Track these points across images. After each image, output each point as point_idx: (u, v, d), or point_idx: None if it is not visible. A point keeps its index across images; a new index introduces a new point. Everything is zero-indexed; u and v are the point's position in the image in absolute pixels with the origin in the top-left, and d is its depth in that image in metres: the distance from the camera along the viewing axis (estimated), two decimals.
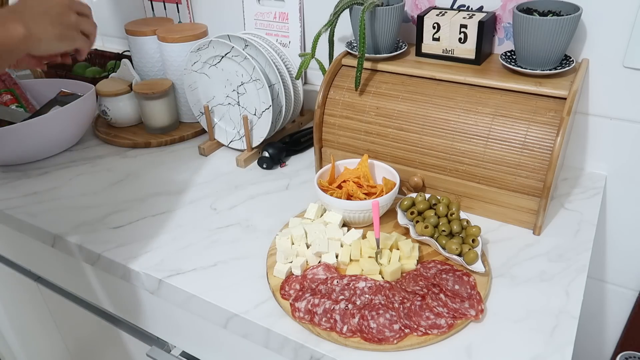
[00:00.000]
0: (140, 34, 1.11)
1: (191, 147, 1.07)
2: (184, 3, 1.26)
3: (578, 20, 0.75)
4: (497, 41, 0.90)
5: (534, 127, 0.75)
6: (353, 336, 0.61)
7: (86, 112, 1.06)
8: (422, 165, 0.84)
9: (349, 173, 0.83)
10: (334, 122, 0.89)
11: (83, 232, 0.83)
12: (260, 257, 0.76)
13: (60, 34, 0.62)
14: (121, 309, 0.93)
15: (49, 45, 0.62)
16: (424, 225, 0.73)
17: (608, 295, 1.04)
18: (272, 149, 0.98)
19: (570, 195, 0.87)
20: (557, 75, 0.79)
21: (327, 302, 0.65)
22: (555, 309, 0.65)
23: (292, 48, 1.13)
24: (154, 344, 0.91)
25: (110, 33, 1.51)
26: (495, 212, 0.81)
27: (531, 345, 0.60)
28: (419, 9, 0.94)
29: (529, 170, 0.75)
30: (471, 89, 0.81)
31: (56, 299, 1.06)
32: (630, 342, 1.05)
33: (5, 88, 1.13)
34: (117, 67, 1.23)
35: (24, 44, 0.59)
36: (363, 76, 0.87)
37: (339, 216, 0.77)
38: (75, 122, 1.04)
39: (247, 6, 1.15)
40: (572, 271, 0.71)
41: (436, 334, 0.61)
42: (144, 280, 0.75)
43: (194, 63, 1.00)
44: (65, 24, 0.63)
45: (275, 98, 0.95)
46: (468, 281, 0.67)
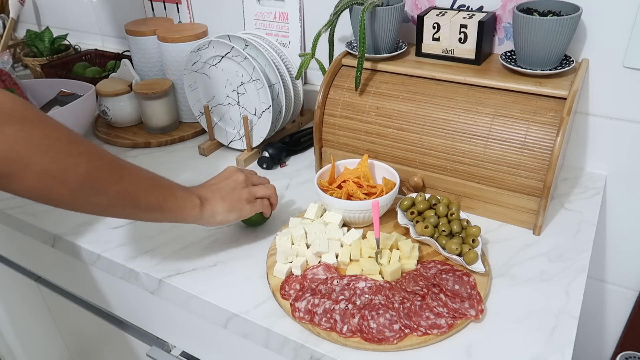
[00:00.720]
0: (140, 34, 1.11)
1: (191, 147, 1.07)
2: (184, 3, 1.26)
3: (578, 20, 0.75)
4: (497, 41, 0.90)
5: (534, 127, 0.75)
6: (353, 336, 0.61)
7: (86, 112, 1.06)
8: (422, 165, 0.83)
9: (349, 173, 0.83)
10: (334, 122, 0.89)
11: (83, 232, 0.83)
12: (260, 257, 0.76)
13: (230, 206, 0.71)
14: (121, 309, 0.93)
15: (221, 217, 0.71)
16: (424, 225, 0.73)
17: (608, 295, 1.04)
18: (272, 149, 0.98)
19: (570, 195, 0.87)
20: (557, 75, 0.79)
21: (327, 302, 0.65)
22: (555, 309, 0.65)
23: (292, 48, 1.13)
24: (154, 344, 0.91)
25: (110, 33, 1.51)
26: (495, 212, 0.81)
27: (531, 345, 0.60)
28: (419, 9, 0.94)
29: (529, 170, 0.75)
30: (471, 89, 0.81)
31: (56, 299, 1.06)
32: (630, 342, 1.05)
33: (5, 88, 1.13)
34: (117, 67, 1.23)
35: (196, 212, 0.68)
36: (363, 76, 0.87)
37: (339, 216, 0.77)
38: (75, 122, 1.04)
39: (247, 6, 1.15)
40: (572, 271, 0.71)
41: (436, 334, 0.61)
42: (144, 280, 0.75)
43: (194, 63, 1.00)
44: (235, 198, 0.72)
45: (275, 98, 0.95)
46: (468, 281, 0.67)
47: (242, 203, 0.73)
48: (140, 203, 0.62)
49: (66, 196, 0.55)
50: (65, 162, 0.53)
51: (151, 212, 0.64)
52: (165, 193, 0.65)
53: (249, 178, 0.76)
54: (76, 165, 0.54)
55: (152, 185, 0.64)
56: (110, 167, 0.58)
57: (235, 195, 0.72)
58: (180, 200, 0.66)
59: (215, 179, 0.75)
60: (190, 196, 0.68)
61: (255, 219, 0.80)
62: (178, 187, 0.68)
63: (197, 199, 0.69)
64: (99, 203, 0.58)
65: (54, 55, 1.41)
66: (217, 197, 0.71)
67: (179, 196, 0.66)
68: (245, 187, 0.74)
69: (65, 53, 1.44)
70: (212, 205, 0.70)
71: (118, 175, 0.59)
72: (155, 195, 0.63)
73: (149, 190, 0.63)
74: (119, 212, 0.62)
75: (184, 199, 0.67)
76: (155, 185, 0.64)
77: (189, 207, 0.67)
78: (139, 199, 0.61)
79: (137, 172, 0.62)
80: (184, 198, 0.67)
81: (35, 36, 1.43)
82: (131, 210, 0.62)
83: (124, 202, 0.60)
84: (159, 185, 0.65)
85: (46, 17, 1.64)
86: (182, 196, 0.67)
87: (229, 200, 0.71)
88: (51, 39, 1.44)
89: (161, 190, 0.64)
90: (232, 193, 0.72)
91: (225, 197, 0.71)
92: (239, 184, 0.74)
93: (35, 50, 1.44)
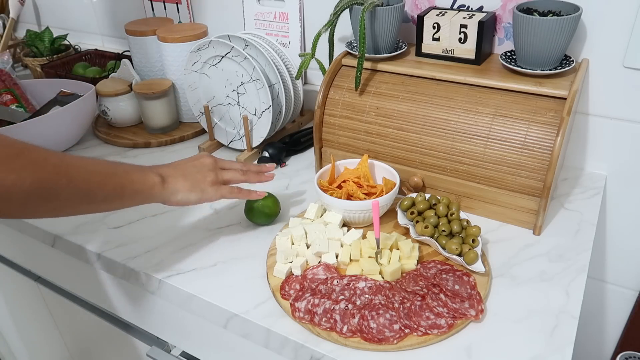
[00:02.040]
0: (140, 34, 1.11)
1: (191, 147, 1.07)
2: (184, 3, 1.26)
3: (578, 20, 0.75)
4: (497, 41, 0.90)
5: (534, 127, 0.75)
6: (353, 336, 0.61)
7: (86, 112, 1.06)
8: (422, 165, 0.83)
9: (349, 173, 0.83)
10: (334, 122, 0.89)
11: (83, 232, 0.83)
12: (260, 257, 0.76)
13: (191, 186, 0.70)
14: (121, 309, 0.93)
15: (182, 196, 0.70)
16: (424, 225, 0.73)
17: (608, 295, 1.04)
18: (272, 149, 0.98)
19: (570, 195, 0.87)
20: (557, 75, 0.79)
21: (327, 302, 0.65)
22: (555, 309, 0.65)
23: (292, 48, 1.13)
24: (154, 344, 0.91)
25: (110, 33, 1.51)
26: (495, 212, 0.81)
27: (531, 345, 0.60)
28: (419, 9, 0.94)
29: (529, 170, 0.75)
30: (471, 89, 0.81)
31: (56, 299, 1.06)
32: (630, 342, 1.05)
33: (5, 88, 1.13)
34: (117, 67, 1.23)
35: (152, 190, 0.67)
36: (363, 76, 0.87)
37: (339, 216, 0.77)
38: (75, 122, 1.04)
39: (247, 6, 1.15)
40: (572, 271, 0.71)
41: (436, 334, 0.61)
42: (144, 280, 0.75)
43: (194, 63, 1.00)
44: (198, 178, 0.71)
45: (275, 98, 0.95)
46: (468, 281, 0.67)
47: (205, 184, 0.72)
48: (96, 198, 0.60)
49: (16, 210, 0.54)
50: (7, 181, 0.51)
51: (110, 202, 0.63)
52: (122, 181, 0.63)
53: (217, 162, 0.76)
54: (20, 181, 0.52)
55: (105, 176, 0.62)
56: (58, 171, 0.56)
57: (199, 176, 0.72)
58: (137, 184, 0.65)
59: (182, 160, 0.74)
60: (147, 175, 0.67)
61: (261, 216, 0.80)
62: (134, 170, 0.66)
63: (156, 176, 0.67)
64: (53, 208, 0.57)
65: (54, 55, 1.41)
66: (178, 175, 0.70)
67: (136, 180, 0.65)
68: (212, 170, 0.73)
69: (65, 53, 1.44)
70: (172, 182, 0.69)
71: (66, 177, 0.57)
72: (111, 186, 0.62)
73: (102, 183, 0.61)
74: (76, 210, 0.61)
75: (142, 181, 0.66)
76: (109, 175, 0.62)
77: (149, 187, 0.66)
78: (94, 194, 0.60)
79: (87, 167, 0.60)
80: (142, 180, 0.66)
81: (35, 36, 1.43)
82: (87, 206, 0.61)
83: (78, 201, 0.59)
84: (112, 174, 0.63)
85: (46, 17, 1.64)
86: (140, 179, 0.66)
87: (190, 180, 0.70)
88: (51, 39, 1.44)
89: (116, 178, 0.63)
90: (196, 174, 0.72)
91: (188, 176, 0.71)
92: (205, 166, 0.73)
93: (35, 50, 1.44)
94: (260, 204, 0.80)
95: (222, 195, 0.74)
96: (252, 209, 0.80)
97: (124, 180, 0.64)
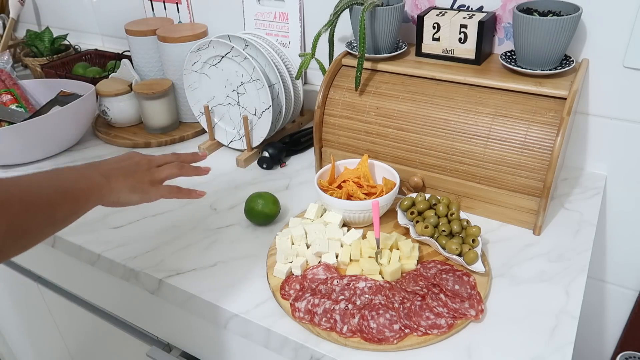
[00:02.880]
0: (140, 34, 1.10)
1: (191, 147, 1.07)
2: (184, 3, 1.26)
3: (578, 20, 0.75)
4: (497, 41, 0.90)
5: (534, 127, 0.75)
6: (353, 336, 0.61)
7: (86, 112, 1.06)
8: (422, 165, 0.83)
9: (349, 173, 0.83)
10: (334, 122, 0.89)
11: (83, 232, 0.83)
12: (260, 257, 0.76)
13: (132, 186, 0.67)
14: (121, 309, 0.93)
15: (124, 196, 0.67)
16: (424, 225, 0.73)
17: (608, 295, 1.04)
18: (272, 149, 0.98)
19: (570, 195, 0.87)
20: (557, 75, 0.79)
21: (327, 302, 0.65)
22: (555, 309, 0.65)
23: (292, 48, 1.13)
24: (154, 344, 0.91)
25: (110, 33, 1.51)
26: (495, 212, 0.81)
27: (531, 345, 0.60)
28: (419, 9, 0.94)
29: (529, 170, 0.75)
30: (471, 89, 0.81)
31: (56, 299, 1.06)
32: (630, 342, 1.05)
33: (5, 88, 1.13)
34: (117, 67, 1.23)
35: (100, 192, 0.64)
36: (363, 76, 0.87)
37: (339, 216, 0.77)
38: (75, 122, 1.04)
39: (247, 6, 1.15)
40: (572, 271, 0.71)
41: (436, 334, 0.61)
42: (144, 280, 0.75)
43: (194, 63, 1.00)
44: (137, 177, 0.69)
45: (275, 98, 0.95)
46: (468, 281, 0.67)
47: (146, 184, 0.69)
48: (57, 220, 0.58)
49: None
50: None
51: (67, 220, 0.60)
52: (74, 194, 0.60)
53: (151, 161, 0.73)
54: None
55: (61, 194, 0.58)
56: (25, 206, 0.52)
57: (137, 176, 0.69)
58: (88, 192, 0.62)
59: (115, 158, 0.71)
60: (93, 179, 0.63)
61: (261, 216, 0.80)
62: (80, 177, 0.63)
63: (101, 177, 0.64)
64: (23, 245, 0.53)
65: (54, 55, 1.41)
66: (119, 175, 0.67)
67: (86, 187, 0.62)
68: (147, 169, 0.71)
69: (65, 53, 1.44)
70: (114, 182, 0.66)
71: (33, 208, 0.53)
72: (68, 204, 0.59)
73: (60, 202, 0.58)
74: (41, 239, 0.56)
75: (91, 188, 0.62)
76: (64, 192, 0.59)
77: (97, 191, 0.63)
78: (55, 217, 0.57)
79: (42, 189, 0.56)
80: (90, 187, 0.63)
81: (35, 36, 1.43)
82: (51, 230, 0.57)
83: (44, 229, 0.56)
84: (65, 189, 0.59)
85: (46, 17, 1.64)
86: (88, 186, 0.62)
87: (131, 180, 0.68)
88: (51, 39, 1.44)
89: (69, 193, 0.59)
90: (135, 174, 0.69)
91: (128, 175, 0.68)
92: (140, 166, 0.71)
93: (35, 50, 1.44)
94: (260, 204, 0.80)
95: (162, 195, 0.71)
96: (252, 209, 0.80)
97: (75, 192, 0.60)
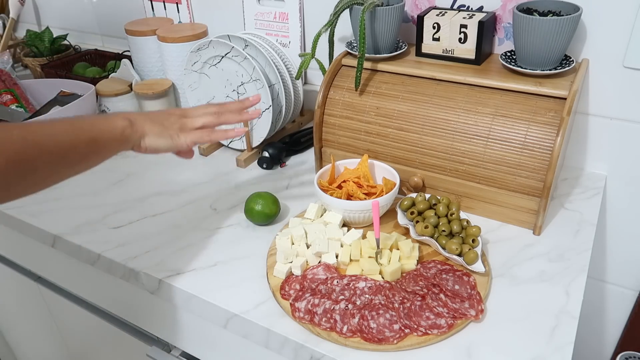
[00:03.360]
0: (140, 34, 1.10)
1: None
2: (184, 3, 1.26)
3: (578, 20, 0.75)
4: (497, 41, 0.90)
5: (534, 127, 0.75)
6: (353, 336, 0.61)
7: (86, 112, 1.06)
8: (422, 165, 0.83)
9: (349, 173, 0.83)
10: (334, 122, 0.89)
11: (83, 232, 0.83)
12: (260, 257, 0.76)
13: (159, 131, 0.69)
14: (121, 309, 0.93)
15: (150, 140, 0.68)
16: (424, 225, 0.73)
17: (608, 295, 1.04)
18: (272, 149, 0.98)
19: (570, 195, 0.87)
20: (557, 75, 0.79)
21: (327, 302, 0.65)
22: (555, 309, 0.65)
23: (292, 48, 1.13)
24: (154, 344, 0.91)
25: (110, 33, 1.51)
26: (495, 212, 0.81)
27: (531, 345, 0.60)
28: (419, 9, 0.94)
29: (529, 170, 0.75)
30: (471, 89, 0.81)
31: (56, 299, 1.06)
32: (630, 342, 1.05)
33: (5, 88, 1.13)
34: (117, 67, 1.23)
35: (123, 134, 0.65)
36: (363, 76, 0.87)
37: (339, 216, 0.77)
38: None
39: (247, 6, 1.15)
40: (572, 271, 0.71)
41: (436, 334, 0.61)
42: (144, 280, 0.75)
43: (194, 63, 1.00)
44: (166, 124, 0.70)
45: (275, 98, 0.95)
46: (468, 281, 0.67)
47: (174, 130, 0.71)
48: (72, 160, 0.59)
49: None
50: None
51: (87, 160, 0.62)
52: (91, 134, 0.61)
53: (186, 110, 0.74)
54: None
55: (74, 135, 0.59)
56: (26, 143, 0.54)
57: (167, 122, 0.70)
58: (107, 133, 0.63)
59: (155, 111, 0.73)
60: (115, 122, 0.65)
61: (261, 216, 0.80)
62: (99, 120, 0.64)
63: (124, 120, 0.66)
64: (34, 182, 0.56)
65: (54, 55, 1.41)
66: (147, 119, 0.69)
67: (104, 129, 0.63)
68: (181, 117, 0.72)
69: (65, 53, 1.44)
70: (140, 125, 0.67)
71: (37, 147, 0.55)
72: (83, 143, 0.60)
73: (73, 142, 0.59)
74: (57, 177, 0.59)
75: (111, 129, 0.64)
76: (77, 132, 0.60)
77: (119, 132, 0.65)
78: (69, 156, 0.59)
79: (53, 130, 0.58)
80: (111, 128, 0.64)
81: (35, 36, 1.43)
82: (67, 170, 0.60)
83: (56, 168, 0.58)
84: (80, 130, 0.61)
85: (46, 17, 1.64)
86: (108, 127, 0.64)
87: (158, 124, 0.69)
88: (51, 39, 1.44)
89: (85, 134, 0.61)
90: (164, 120, 0.70)
91: (156, 120, 0.69)
92: (172, 114, 0.72)
93: (35, 50, 1.44)
94: (260, 204, 0.80)
95: (194, 141, 0.72)
96: (252, 209, 0.80)
97: (93, 133, 0.62)
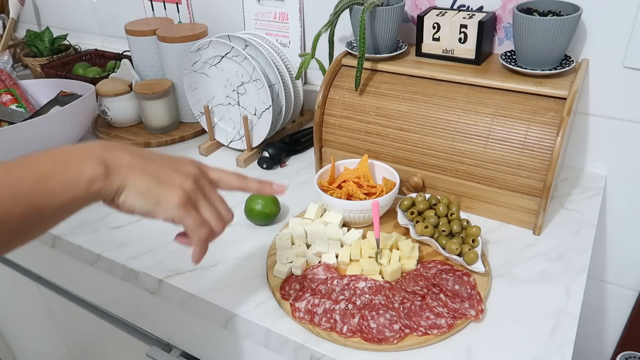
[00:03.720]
0: (140, 34, 1.10)
1: (191, 147, 1.07)
2: (184, 3, 1.26)
3: (578, 20, 0.75)
4: (497, 41, 0.90)
5: (534, 127, 0.75)
6: (353, 336, 0.61)
7: (86, 112, 1.06)
8: (422, 165, 0.83)
9: (349, 173, 0.83)
10: (334, 122, 0.89)
11: (83, 232, 0.83)
12: (260, 257, 0.76)
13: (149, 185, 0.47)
14: (121, 309, 0.93)
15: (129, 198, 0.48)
16: (424, 225, 0.73)
17: (608, 295, 1.04)
18: (272, 149, 0.98)
19: (570, 195, 0.87)
20: (557, 75, 0.79)
21: (327, 302, 0.65)
22: (555, 309, 0.65)
23: (292, 48, 1.13)
24: (154, 344, 0.91)
25: (110, 33, 1.51)
26: (495, 212, 0.81)
27: (531, 345, 0.60)
28: (419, 9, 0.94)
29: (529, 170, 0.75)
30: (471, 89, 0.81)
31: (56, 299, 1.06)
32: (630, 342, 1.05)
33: (5, 88, 1.13)
34: (117, 67, 1.23)
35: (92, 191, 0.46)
36: (363, 76, 0.87)
37: (339, 216, 0.77)
38: (75, 122, 1.04)
39: (247, 6, 1.15)
40: (572, 271, 0.71)
41: (436, 334, 0.61)
42: (144, 280, 0.75)
43: (194, 63, 1.00)
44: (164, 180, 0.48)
45: (275, 98, 0.95)
46: (468, 281, 0.67)
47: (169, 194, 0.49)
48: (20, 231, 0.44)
49: None
50: None
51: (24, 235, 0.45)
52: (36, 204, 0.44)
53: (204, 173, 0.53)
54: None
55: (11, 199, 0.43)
56: None
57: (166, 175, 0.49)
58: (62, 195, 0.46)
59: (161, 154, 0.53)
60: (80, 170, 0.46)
61: (261, 216, 0.80)
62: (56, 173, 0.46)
63: (97, 166, 0.46)
64: None
65: (54, 55, 1.41)
66: (136, 165, 0.48)
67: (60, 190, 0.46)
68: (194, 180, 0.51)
69: (65, 53, 1.44)
70: (121, 174, 0.47)
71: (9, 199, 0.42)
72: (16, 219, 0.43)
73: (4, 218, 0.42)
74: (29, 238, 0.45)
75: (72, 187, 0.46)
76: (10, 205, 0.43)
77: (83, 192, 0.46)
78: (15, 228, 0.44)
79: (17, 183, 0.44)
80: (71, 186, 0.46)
81: (35, 36, 1.43)
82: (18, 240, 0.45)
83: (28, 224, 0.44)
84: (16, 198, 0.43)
85: (46, 17, 1.64)
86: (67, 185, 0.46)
87: (152, 177, 0.48)
88: (51, 39, 1.44)
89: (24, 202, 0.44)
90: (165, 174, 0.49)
91: (150, 171, 0.48)
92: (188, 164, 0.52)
93: (35, 50, 1.44)
94: (260, 204, 0.80)
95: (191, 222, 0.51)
96: (252, 209, 0.80)
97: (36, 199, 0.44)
